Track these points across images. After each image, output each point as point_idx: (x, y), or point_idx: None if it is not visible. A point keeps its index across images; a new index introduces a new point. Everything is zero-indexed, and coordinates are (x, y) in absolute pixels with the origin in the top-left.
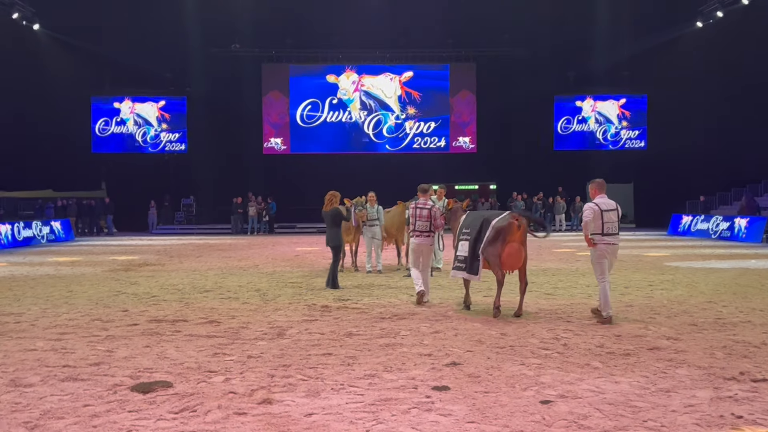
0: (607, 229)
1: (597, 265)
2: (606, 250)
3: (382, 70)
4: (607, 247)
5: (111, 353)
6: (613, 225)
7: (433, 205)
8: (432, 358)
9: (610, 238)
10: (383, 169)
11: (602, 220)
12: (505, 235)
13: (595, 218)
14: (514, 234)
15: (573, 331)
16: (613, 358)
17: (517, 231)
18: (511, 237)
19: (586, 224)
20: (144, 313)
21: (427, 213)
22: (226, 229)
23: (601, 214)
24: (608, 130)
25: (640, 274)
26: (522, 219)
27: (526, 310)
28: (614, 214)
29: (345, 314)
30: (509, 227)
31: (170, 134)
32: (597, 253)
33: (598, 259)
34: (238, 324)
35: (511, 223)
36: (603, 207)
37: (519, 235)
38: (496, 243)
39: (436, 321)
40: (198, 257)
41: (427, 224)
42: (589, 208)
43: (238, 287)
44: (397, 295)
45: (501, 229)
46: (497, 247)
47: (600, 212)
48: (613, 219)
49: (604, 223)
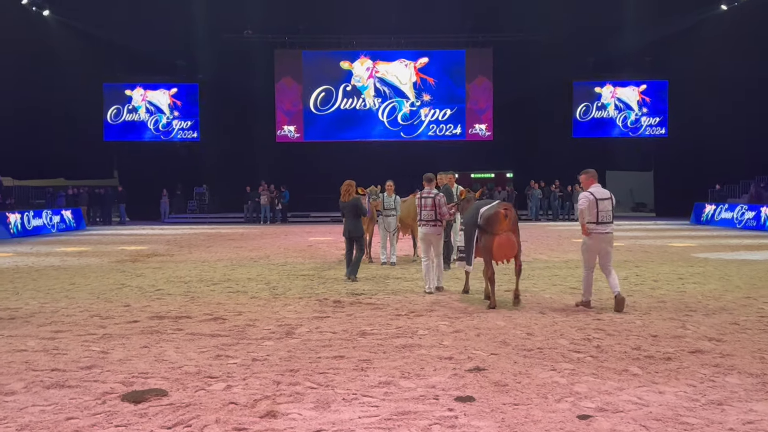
0: (601, 218)
1: (586, 254)
2: (600, 239)
3: (396, 56)
4: (601, 236)
5: (105, 355)
6: (608, 214)
7: (437, 193)
8: (453, 362)
9: (604, 227)
10: (397, 158)
11: (597, 209)
12: (493, 225)
13: (590, 207)
14: (502, 223)
15: (605, 330)
16: (652, 362)
17: (505, 220)
18: (499, 227)
19: (582, 212)
20: (146, 308)
21: (432, 202)
22: (238, 218)
23: (596, 203)
24: (628, 116)
25: (668, 267)
26: (510, 209)
27: (552, 306)
28: (608, 203)
29: (358, 310)
30: (496, 216)
31: (182, 122)
32: (589, 242)
33: (589, 248)
34: (245, 321)
35: (498, 212)
36: (598, 196)
37: (507, 224)
38: (485, 234)
39: (456, 318)
40: (208, 247)
41: (433, 213)
42: (584, 197)
43: (247, 280)
44: (413, 288)
45: (489, 218)
46: (487, 239)
47: (595, 201)
48: (608, 208)
49: (599, 211)
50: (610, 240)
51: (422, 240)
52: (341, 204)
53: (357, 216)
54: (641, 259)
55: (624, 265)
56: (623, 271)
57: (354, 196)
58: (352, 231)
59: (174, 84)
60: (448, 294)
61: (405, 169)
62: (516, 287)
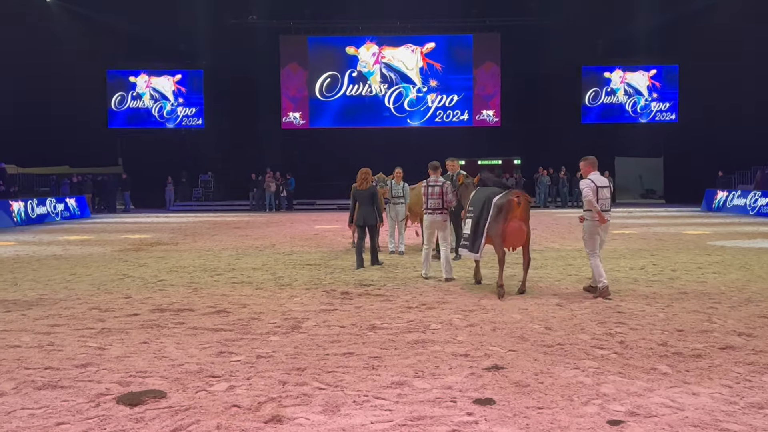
0: (601, 206)
1: (589, 241)
2: (599, 226)
3: (403, 41)
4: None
5: (103, 351)
6: (607, 201)
7: (444, 182)
8: (470, 359)
9: (604, 214)
10: (404, 144)
11: (597, 197)
12: (506, 213)
13: (593, 195)
14: (515, 211)
15: (627, 324)
16: (682, 360)
17: (518, 208)
18: (512, 214)
19: (591, 201)
20: (147, 300)
21: (439, 190)
22: (244, 205)
23: (597, 191)
24: (638, 102)
25: (685, 255)
26: (523, 196)
27: (569, 298)
28: (607, 191)
29: (367, 302)
30: (509, 204)
31: (187, 108)
32: (590, 230)
33: (591, 235)
34: (249, 314)
35: (510, 200)
36: (598, 183)
37: (520, 211)
38: (498, 220)
39: (470, 312)
40: (213, 236)
41: (440, 201)
42: (586, 185)
43: (252, 270)
44: (424, 279)
45: (501, 206)
46: (499, 225)
47: (596, 189)
48: (607, 195)
49: (599, 199)
50: (606, 227)
51: (427, 228)
52: (356, 191)
53: (372, 204)
54: (656, 247)
55: (639, 254)
56: (639, 260)
57: (371, 185)
58: (368, 219)
59: (178, 70)
60: (459, 284)
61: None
62: (523, 283)
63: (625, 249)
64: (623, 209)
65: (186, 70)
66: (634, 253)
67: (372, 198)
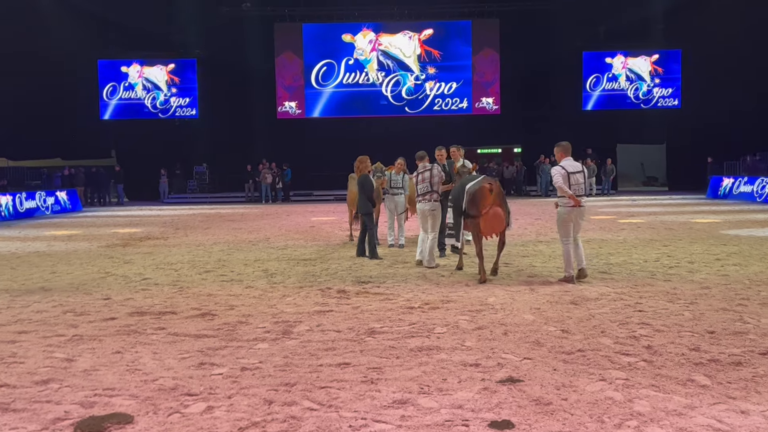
0: (574, 191)
1: (562, 227)
2: (573, 212)
3: (400, 27)
4: (574, 209)
5: (69, 363)
6: (580, 186)
7: (433, 165)
8: (481, 370)
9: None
10: (402, 133)
11: (569, 183)
12: (479, 200)
13: (564, 181)
14: (487, 198)
15: (651, 325)
16: (720, 368)
17: (490, 195)
18: (485, 201)
19: (561, 187)
20: (128, 302)
21: (428, 175)
22: (239, 197)
23: (568, 177)
24: (640, 87)
25: (700, 246)
26: (495, 183)
27: (584, 295)
28: (581, 176)
29: (365, 302)
30: (482, 191)
31: (180, 99)
32: (565, 215)
33: (565, 222)
34: (237, 317)
35: (483, 187)
36: (570, 169)
37: (493, 198)
38: (473, 208)
39: (477, 312)
40: (206, 229)
41: (428, 185)
42: (556, 171)
43: (243, 266)
44: (424, 273)
45: (474, 194)
46: (474, 213)
47: (567, 174)
48: (580, 181)
49: (572, 185)
50: (581, 213)
51: (421, 216)
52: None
53: (364, 192)
54: (667, 237)
55: (652, 245)
56: (652, 251)
57: (363, 173)
58: (361, 208)
59: (171, 60)
60: (463, 281)
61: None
62: (496, 261)
63: (635, 239)
64: (626, 197)
65: (179, 60)
66: (645, 244)
67: (361, 187)
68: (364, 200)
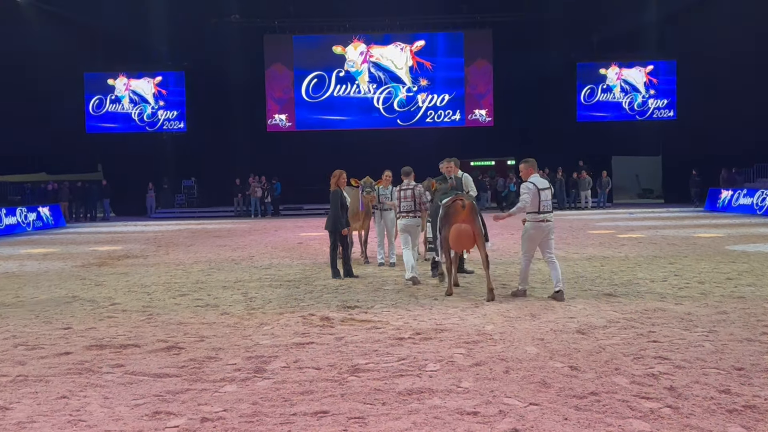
0: (543, 207)
1: (527, 243)
2: (542, 228)
3: (391, 39)
4: (543, 225)
5: (3, 414)
6: (548, 203)
7: (416, 185)
8: (480, 420)
9: (545, 215)
10: (394, 146)
11: (539, 199)
12: (450, 216)
13: (533, 197)
14: (459, 214)
15: (670, 359)
16: (759, 417)
17: (462, 210)
18: (456, 217)
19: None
20: (89, 332)
21: (411, 194)
22: (228, 211)
23: (538, 193)
24: (635, 99)
25: (708, 263)
26: (467, 198)
27: (590, 321)
28: (548, 192)
29: (350, 332)
30: (454, 207)
31: (168, 112)
32: (531, 232)
33: (531, 237)
34: (206, 351)
35: (455, 203)
36: (539, 186)
37: (465, 214)
38: (445, 224)
39: (474, 343)
40: (189, 246)
41: (412, 204)
42: (526, 187)
43: (221, 289)
44: (415, 295)
45: (447, 209)
46: (445, 228)
47: (537, 191)
48: (548, 197)
49: (541, 201)
50: (551, 229)
51: (401, 231)
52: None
53: (335, 207)
54: (671, 253)
55: (656, 263)
56: (658, 270)
57: (335, 188)
58: (328, 225)
59: (159, 72)
60: (458, 307)
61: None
62: (488, 281)
63: (638, 256)
64: (622, 210)
65: (167, 72)
66: (649, 262)
67: (333, 202)
68: (333, 217)
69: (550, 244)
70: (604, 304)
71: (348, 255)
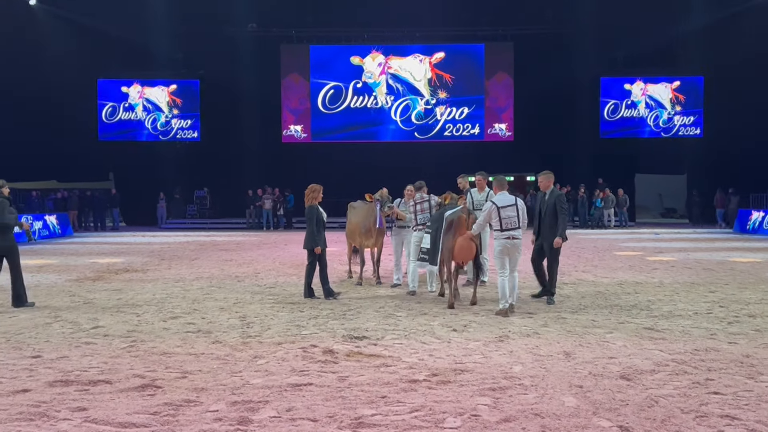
0: (505, 225)
1: (498, 260)
2: (506, 244)
3: (410, 50)
4: (508, 241)
5: None
6: (512, 220)
7: (431, 197)
8: None
9: (509, 233)
10: (411, 159)
11: (500, 217)
12: (455, 229)
13: (493, 215)
14: (463, 227)
15: (741, 420)
16: None
17: (465, 223)
18: (461, 230)
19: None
20: (59, 362)
21: (428, 206)
22: (240, 223)
23: (498, 211)
24: (660, 115)
25: (753, 292)
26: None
27: (633, 364)
28: (513, 210)
29: (356, 369)
30: (459, 220)
31: (182, 121)
32: (498, 248)
33: (500, 254)
34: (185, 392)
35: (460, 217)
36: (499, 204)
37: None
38: (449, 236)
39: (501, 390)
40: (193, 260)
41: (428, 216)
42: (488, 207)
43: (218, 311)
44: (430, 324)
45: (452, 222)
46: (449, 240)
47: (497, 209)
48: (512, 214)
49: (502, 219)
50: (516, 245)
51: (416, 243)
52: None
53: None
54: (710, 280)
55: (695, 290)
56: (699, 300)
57: (311, 203)
58: (306, 243)
59: (173, 80)
60: (481, 337)
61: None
62: (473, 294)
63: (674, 282)
64: (646, 230)
65: (181, 81)
66: (688, 289)
67: (309, 219)
68: (309, 234)
69: (515, 260)
70: (647, 341)
71: (326, 274)
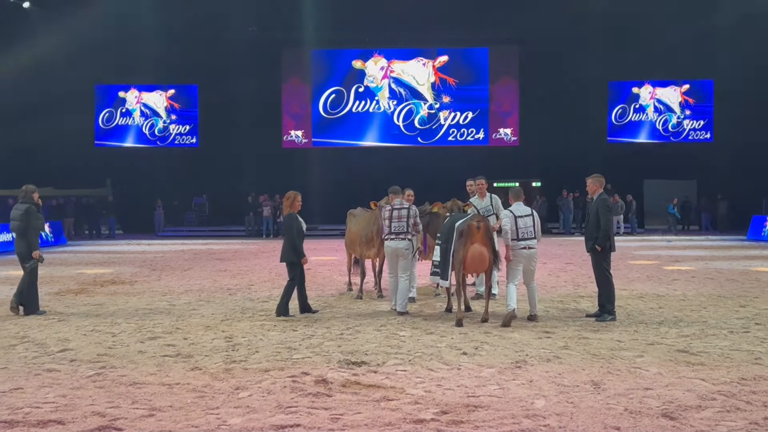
0: (522, 234)
1: (512, 270)
2: (522, 254)
3: (413, 54)
4: (524, 251)
5: None
6: (528, 230)
7: (410, 205)
8: None
9: (526, 243)
10: (414, 165)
11: (516, 226)
12: (466, 238)
13: (511, 225)
14: (474, 236)
15: None
16: None
17: (477, 233)
18: (471, 240)
19: (506, 232)
20: (10, 396)
21: (406, 213)
22: (239, 231)
23: (515, 220)
24: (669, 119)
25: None
26: (483, 221)
27: (681, 401)
28: (529, 220)
29: (352, 404)
30: (469, 229)
31: (180, 126)
32: (513, 258)
33: (514, 265)
34: None
35: (470, 225)
36: (517, 213)
37: (480, 236)
38: (459, 246)
39: (520, 428)
40: (186, 270)
41: (404, 225)
42: (506, 215)
43: (203, 330)
44: (436, 346)
45: (462, 232)
46: (460, 251)
47: (514, 218)
48: (528, 224)
49: (519, 228)
50: (531, 255)
51: (389, 255)
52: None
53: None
54: (737, 293)
55: (723, 304)
56: (731, 315)
57: (289, 212)
58: (284, 255)
59: (171, 85)
60: (495, 363)
61: (422, 177)
62: (485, 311)
63: (698, 295)
64: (657, 237)
65: (180, 85)
66: (714, 302)
67: (288, 228)
68: (289, 246)
69: (531, 271)
70: (684, 367)
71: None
